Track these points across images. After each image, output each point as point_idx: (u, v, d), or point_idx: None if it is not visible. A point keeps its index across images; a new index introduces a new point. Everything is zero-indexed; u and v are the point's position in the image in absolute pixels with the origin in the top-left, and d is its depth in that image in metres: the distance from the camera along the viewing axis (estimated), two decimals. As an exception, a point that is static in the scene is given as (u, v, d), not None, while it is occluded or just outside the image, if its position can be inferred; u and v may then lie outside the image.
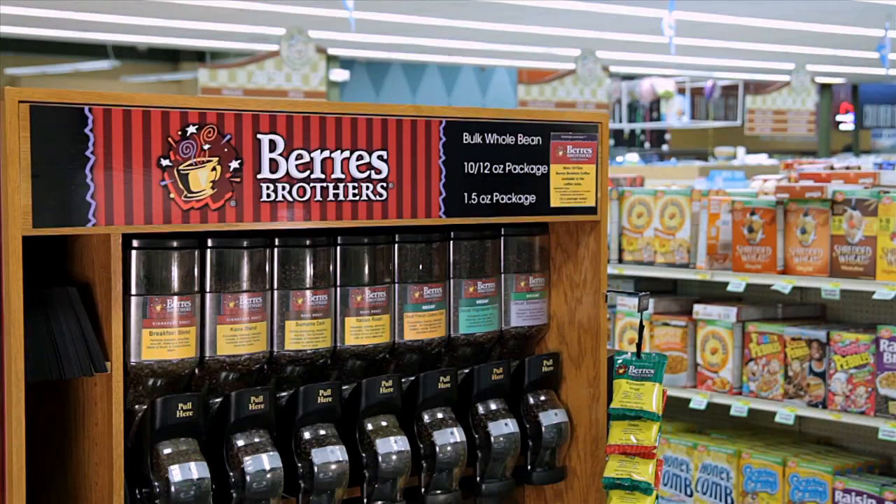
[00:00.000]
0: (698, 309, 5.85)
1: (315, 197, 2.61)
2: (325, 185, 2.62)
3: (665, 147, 20.88)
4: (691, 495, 5.91)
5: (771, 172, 10.87)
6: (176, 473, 2.53)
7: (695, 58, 18.29)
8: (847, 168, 6.01)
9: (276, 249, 2.72)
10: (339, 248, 2.81)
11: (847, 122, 24.44)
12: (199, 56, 19.17)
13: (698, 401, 5.82)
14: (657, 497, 3.03)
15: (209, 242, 2.63)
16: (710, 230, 5.82)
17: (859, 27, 14.87)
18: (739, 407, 5.69)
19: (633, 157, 18.63)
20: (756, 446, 5.78)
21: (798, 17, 14.17)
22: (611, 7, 13.58)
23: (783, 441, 5.90)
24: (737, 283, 5.65)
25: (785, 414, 5.53)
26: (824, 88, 21.89)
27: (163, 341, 2.56)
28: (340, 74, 18.11)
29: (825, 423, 5.90)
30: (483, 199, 2.84)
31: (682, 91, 18.80)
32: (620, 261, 6.18)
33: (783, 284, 5.49)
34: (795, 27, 14.72)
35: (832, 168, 6.05)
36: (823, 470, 5.42)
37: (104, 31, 15.66)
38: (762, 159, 14.13)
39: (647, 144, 20.19)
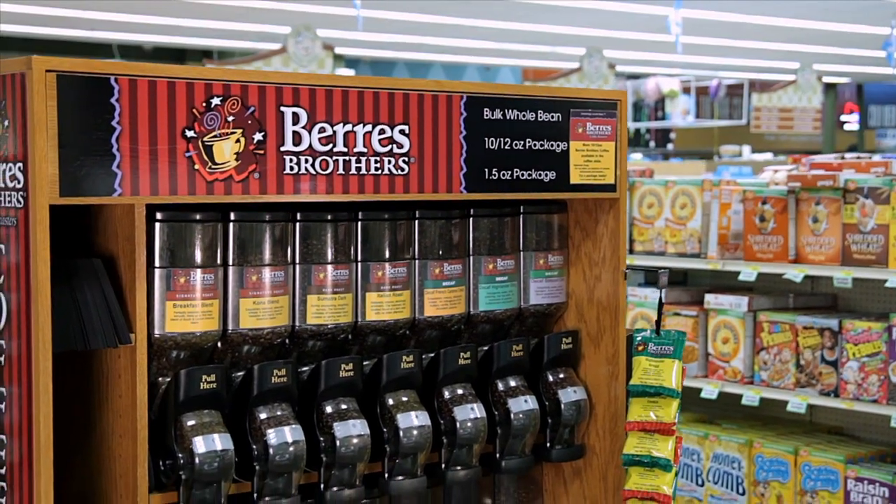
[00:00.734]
0: (709, 299, 5.85)
1: (337, 170, 2.62)
2: (347, 158, 2.62)
3: (670, 146, 20.87)
4: (703, 485, 5.91)
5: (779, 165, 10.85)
6: (200, 445, 2.53)
7: (700, 57, 18.28)
8: (858, 158, 6.01)
9: (297, 224, 2.73)
10: (360, 223, 2.82)
11: (852, 122, 24.43)
12: (205, 55, 19.19)
13: (709, 390, 5.83)
14: (676, 474, 3.04)
15: (232, 216, 2.64)
16: (721, 220, 5.82)
17: (865, 25, 14.88)
18: (751, 396, 5.70)
19: (636, 156, 18.64)
20: (767, 436, 5.78)
21: (804, 14, 14.17)
22: (617, 5, 13.59)
23: (794, 431, 5.90)
24: (748, 273, 5.65)
25: (797, 403, 5.53)
26: (829, 88, 21.90)
27: (186, 314, 2.57)
28: (346, 73, 18.15)
29: (836, 413, 5.91)
30: (504, 174, 2.85)
31: (687, 90, 18.81)
32: (631, 251, 6.18)
33: (795, 273, 5.49)
34: (801, 25, 14.72)
35: (843, 158, 6.05)
36: (835, 458, 5.42)
37: (109, 30, 15.69)
38: (768, 158, 14.15)
39: (651, 144, 20.18)
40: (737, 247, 5.80)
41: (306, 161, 2.57)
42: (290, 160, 2.55)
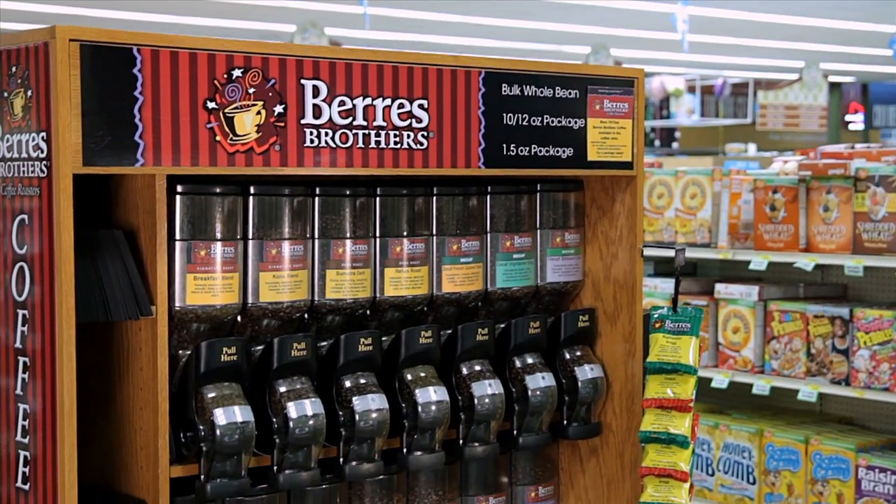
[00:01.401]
0: (720, 288, 5.85)
1: (357, 144, 2.62)
2: (366, 132, 2.63)
3: (675, 145, 20.86)
4: (713, 474, 5.91)
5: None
6: (220, 417, 2.54)
7: (706, 55, 18.28)
8: (868, 147, 6.01)
9: (316, 198, 2.74)
10: (378, 198, 2.82)
11: (857, 121, 24.42)
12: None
13: (720, 380, 5.83)
14: (694, 451, 3.04)
15: (252, 189, 2.65)
16: (731, 209, 5.82)
17: (871, 23, 14.88)
18: (762, 385, 5.70)
19: (642, 155, 18.58)
20: (778, 425, 5.78)
21: (809, 12, 14.17)
22: (624, 3, 13.59)
23: (805, 420, 5.90)
24: (759, 262, 5.65)
25: (807, 392, 5.53)
26: (834, 87, 21.89)
27: (207, 286, 2.57)
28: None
29: (846, 403, 5.91)
30: (522, 150, 2.85)
31: (692, 90, 18.81)
32: (641, 242, 6.18)
33: (806, 262, 5.49)
34: (807, 23, 14.72)
35: (853, 147, 6.05)
36: (846, 447, 5.42)
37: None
38: (774, 155, 14.14)
39: (657, 142, 20.17)
40: (747, 236, 5.80)
41: (326, 134, 2.58)
42: (311, 133, 2.56)
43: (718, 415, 6.06)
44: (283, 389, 2.65)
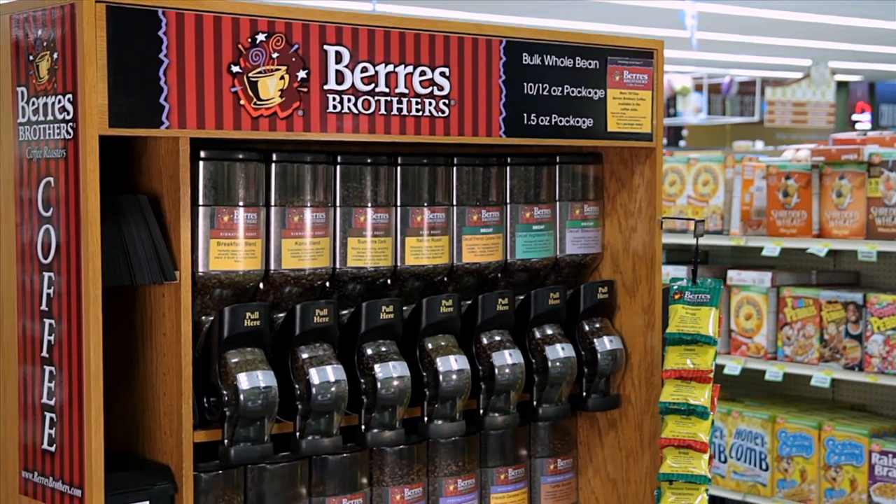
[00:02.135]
0: (732, 275, 5.85)
1: (379, 110, 2.63)
2: (388, 98, 2.64)
3: (682, 143, 20.88)
4: (725, 461, 5.91)
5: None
6: (244, 381, 2.54)
7: (714, 53, 18.28)
8: (881, 133, 6.01)
9: (338, 166, 2.75)
10: (399, 167, 2.83)
11: (863, 121, 24.40)
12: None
13: (732, 367, 5.82)
14: (713, 422, 3.04)
15: (274, 156, 2.66)
16: (744, 196, 5.82)
17: (878, 20, 14.88)
18: (774, 372, 5.69)
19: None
20: (791, 411, 5.78)
21: (817, 9, 14.17)
22: (631, 0, 13.60)
23: (817, 408, 5.90)
24: (771, 248, 5.65)
25: (821, 377, 5.52)
26: (841, 87, 21.88)
27: (230, 252, 2.58)
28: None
29: (859, 389, 5.90)
30: (542, 120, 2.86)
31: (699, 88, 18.81)
32: (653, 229, 6.18)
33: (819, 248, 5.49)
34: (815, 19, 14.72)
35: (865, 134, 6.05)
36: (860, 433, 5.42)
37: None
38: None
39: (663, 140, 20.20)
40: (759, 223, 5.80)
41: (349, 100, 2.59)
42: (333, 99, 2.57)
43: (731, 402, 6.06)
44: (305, 356, 2.66)
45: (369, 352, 2.75)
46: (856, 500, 5.38)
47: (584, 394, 3.12)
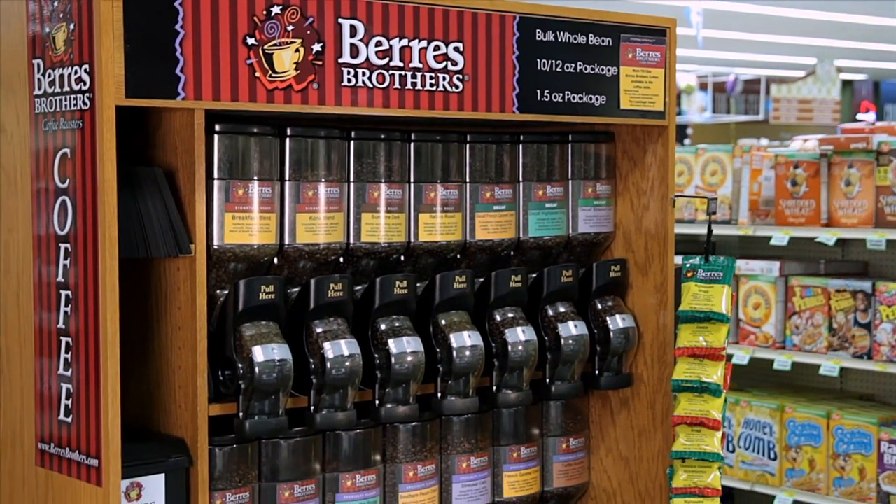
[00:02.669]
0: (740, 264, 5.84)
1: (394, 84, 2.63)
2: (403, 73, 2.64)
3: (686, 142, 20.87)
4: (733, 451, 5.91)
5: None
6: (259, 354, 2.55)
7: (718, 52, 18.28)
8: (890, 123, 6.01)
9: (352, 142, 2.75)
10: (412, 143, 2.83)
11: (868, 120, 24.39)
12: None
13: (740, 356, 5.82)
14: (726, 400, 3.04)
15: (289, 131, 2.66)
16: (752, 186, 5.82)
17: (883, 17, 14.88)
18: (783, 361, 5.69)
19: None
20: (799, 401, 5.78)
21: (823, 6, 14.17)
22: (636, -4, 13.59)
23: (825, 398, 5.89)
24: (780, 237, 5.65)
25: (829, 366, 5.52)
26: (846, 85, 21.87)
27: (244, 226, 2.59)
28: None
29: (867, 379, 5.90)
30: (555, 96, 2.86)
31: (703, 87, 18.79)
32: (661, 220, 6.18)
33: (827, 237, 5.49)
34: (820, 17, 14.72)
35: (873, 124, 6.05)
36: (868, 421, 5.41)
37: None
38: (787, 149, 14.10)
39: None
40: (767, 213, 5.80)
41: (363, 74, 2.59)
42: (348, 72, 2.57)
43: (739, 392, 6.06)
44: (319, 330, 2.66)
45: (383, 327, 2.76)
46: (864, 489, 5.38)
47: (597, 372, 3.12)
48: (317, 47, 2.53)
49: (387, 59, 2.62)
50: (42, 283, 2.46)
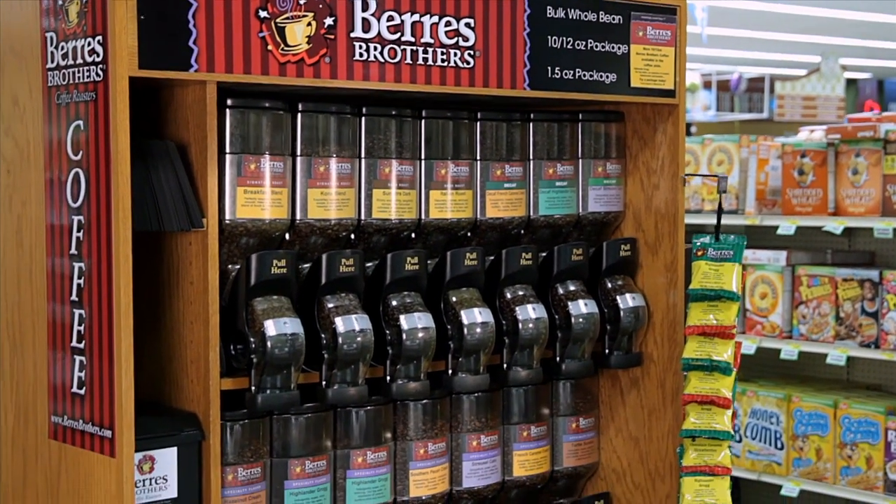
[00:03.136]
0: (747, 254, 5.83)
1: (405, 60, 2.64)
2: (414, 48, 2.65)
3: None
4: (740, 441, 5.90)
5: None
6: (271, 328, 2.55)
7: (722, 50, 18.28)
8: (896, 113, 6.01)
9: (363, 118, 2.75)
10: (423, 120, 2.84)
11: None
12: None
13: (747, 346, 5.81)
14: (736, 378, 3.04)
15: (300, 106, 2.66)
16: (759, 175, 5.82)
17: (887, 14, 14.88)
18: (790, 350, 5.69)
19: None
20: (806, 390, 5.77)
21: (827, 3, 14.17)
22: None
23: (832, 388, 5.89)
24: (787, 227, 5.65)
25: (836, 355, 5.51)
26: (850, 84, 21.87)
27: (256, 200, 2.59)
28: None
29: (874, 368, 5.89)
30: (566, 73, 2.87)
31: (707, 85, 18.77)
32: (667, 210, 6.18)
33: (834, 226, 5.48)
34: (824, 14, 14.73)
35: (881, 113, 6.05)
36: (876, 410, 5.41)
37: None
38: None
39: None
40: (774, 203, 5.80)
41: (375, 49, 2.59)
42: (360, 47, 2.57)
43: (746, 382, 6.06)
44: (331, 305, 2.66)
45: (394, 303, 2.76)
46: (872, 478, 5.38)
47: (607, 351, 3.12)
48: (329, 21, 2.53)
49: (398, 34, 2.62)
50: (55, 255, 2.47)
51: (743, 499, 6.16)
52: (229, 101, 2.56)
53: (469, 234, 2.95)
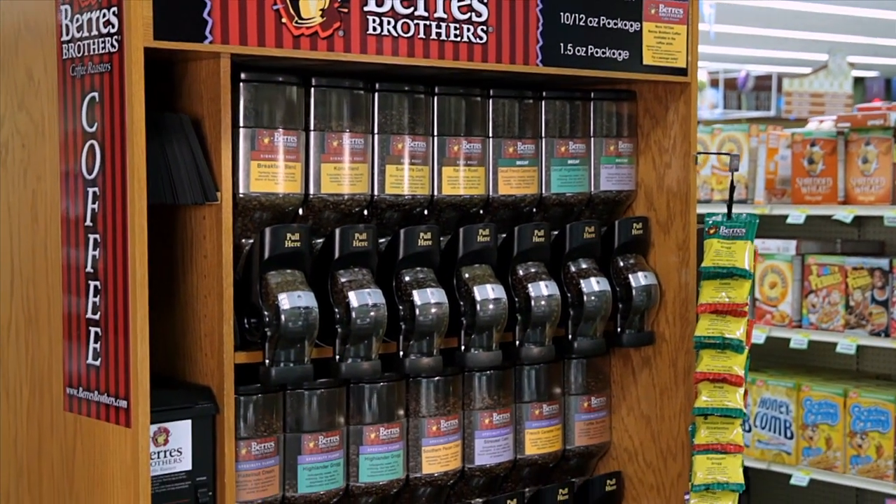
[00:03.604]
0: (756, 243, 5.82)
1: (418, 34, 2.64)
2: (427, 23, 2.65)
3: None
4: (749, 430, 5.90)
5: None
6: (285, 301, 2.55)
7: (729, 48, 18.27)
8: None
9: (376, 93, 2.76)
10: (436, 97, 2.84)
11: (880, 117, 24.30)
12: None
13: (757, 335, 5.81)
14: (749, 356, 3.05)
15: (313, 81, 2.67)
16: (768, 165, 5.82)
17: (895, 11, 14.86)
18: (799, 339, 5.68)
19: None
20: (816, 379, 5.77)
21: (836, 0, 14.16)
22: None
23: (842, 376, 5.89)
24: (797, 216, 5.65)
25: (846, 344, 5.51)
26: (857, 82, 21.84)
27: (270, 174, 2.60)
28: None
29: (884, 357, 5.89)
30: (578, 50, 2.87)
31: (714, 83, 18.76)
32: (676, 200, 6.18)
33: (844, 214, 5.48)
34: (832, 10, 14.72)
35: (891, 103, 6.04)
36: (886, 399, 5.40)
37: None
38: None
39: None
40: (784, 192, 5.80)
41: (388, 23, 2.60)
42: (374, 20, 2.58)
43: (755, 371, 6.05)
44: (344, 280, 2.67)
45: (407, 279, 2.76)
46: (882, 467, 5.37)
47: (619, 330, 3.12)
48: (342, -5, 2.54)
49: (412, 9, 2.63)
50: (70, 227, 2.47)
51: (752, 488, 6.16)
52: (243, 75, 2.57)
53: (481, 211, 2.96)
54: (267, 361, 2.58)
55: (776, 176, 5.82)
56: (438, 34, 2.67)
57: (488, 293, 2.83)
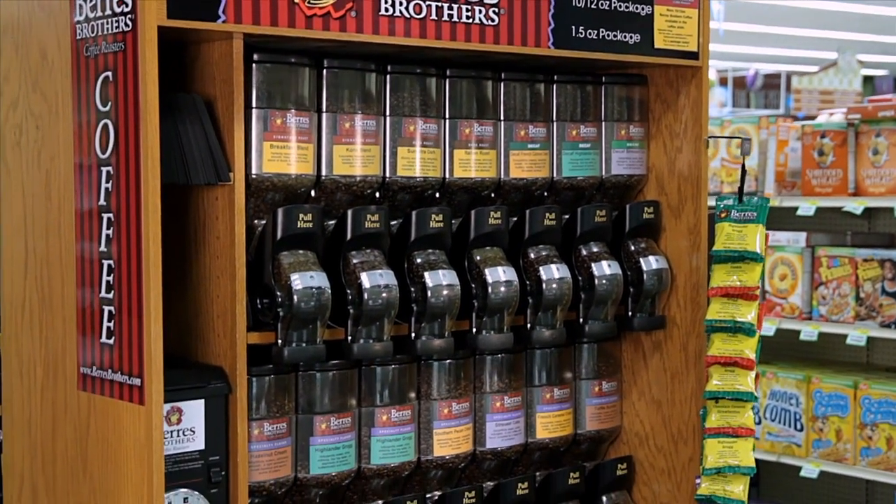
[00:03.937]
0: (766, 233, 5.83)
1: (430, 15, 2.65)
2: (440, 4, 2.66)
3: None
4: (760, 423, 5.89)
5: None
6: (297, 282, 2.56)
7: (738, 46, 18.26)
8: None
9: (388, 75, 2.76)
10: (448, 79, 2.85)
11: (889, 116, 24.27)
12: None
13: (767, 327, 5.80)
14: (760, 340, 3.05)
15: (325, 62, 2.68)
16: (778, 157, 5.82)
17: (905, 9, 14.84)
18: (809, 331, 5.68)
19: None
20: (826, 372, 5.77)
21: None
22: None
23: (852, 368, 5.88)
24: (807, 207, 5.64)
25: (856, 336, 5.50)
26: (867, 81, 21.80)
27: (282, 155, 2.60)
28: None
29: (894, 350, 5.88)
30: (590, 33, 2.87)
31: (723, 82, 18.75)
32: (686, 193, 6.17)
33: (855, 206, 5.48)
34: (841, 8, 14.70)
35: (900, 96, 6.04)
36: (896, 390, 5.40)
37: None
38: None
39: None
40: (794, 184, 5.79)
41: (400, 4, 2.60)
42: (386, 1, 2.59)
43: (765, 364, 6.04)
44: (356, 261, 2.67)
45: (419, 260, 2.77)
46: (892, 459, 5.37)
47: (630, 314, 3.13)
48: (355, -24, 2.54)
49: (424, -10, 2.63)
50: (83, 207, 2.48)
51: (762, 480, 6.16)
52: (256, 56, 2.58)
53: (493, 194, 2.96)
54: (279, 341, 2.58)
55: (786, 168, 5.81)
56: (450, 16, 2.67)
57: (500, 275, 2.83)
